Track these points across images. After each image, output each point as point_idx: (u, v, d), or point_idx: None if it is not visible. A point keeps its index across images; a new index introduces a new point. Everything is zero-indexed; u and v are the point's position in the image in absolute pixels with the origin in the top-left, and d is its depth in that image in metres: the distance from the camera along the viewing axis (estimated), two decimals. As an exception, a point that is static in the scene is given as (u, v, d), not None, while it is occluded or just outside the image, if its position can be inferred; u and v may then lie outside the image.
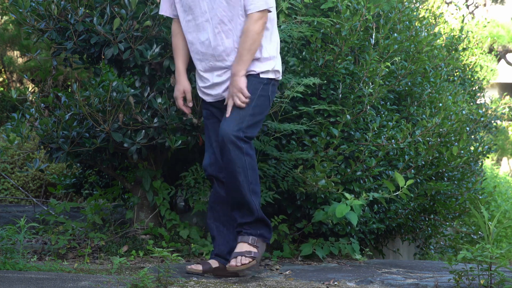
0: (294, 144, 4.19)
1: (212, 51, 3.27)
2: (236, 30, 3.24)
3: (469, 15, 17.17)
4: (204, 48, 3.29)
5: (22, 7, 3.90)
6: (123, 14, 3.76)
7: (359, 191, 4.27)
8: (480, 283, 3.03)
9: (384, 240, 5.37)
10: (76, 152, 3.89)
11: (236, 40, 3.25)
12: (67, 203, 4.43)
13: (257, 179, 3.24)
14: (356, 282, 3.33)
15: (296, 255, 4.20)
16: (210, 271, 3.32)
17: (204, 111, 3.44)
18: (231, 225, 3.36)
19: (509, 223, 3.34)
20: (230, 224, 3.37)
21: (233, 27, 3.24)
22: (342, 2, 4.29)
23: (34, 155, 6.55)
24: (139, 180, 4.24)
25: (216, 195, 3.41)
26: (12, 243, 3.54)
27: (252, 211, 3.23)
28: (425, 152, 4.76)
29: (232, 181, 3.20)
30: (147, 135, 3.84)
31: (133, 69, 3.90)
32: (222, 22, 3.23)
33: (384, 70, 4.35)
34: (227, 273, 3.28)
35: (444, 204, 5.32)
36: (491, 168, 13.47)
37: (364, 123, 4.46)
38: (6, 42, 8.38)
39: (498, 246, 9.26)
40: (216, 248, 3.39)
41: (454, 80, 6.82)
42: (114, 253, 3.96)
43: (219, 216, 3.40)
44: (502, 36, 17.60)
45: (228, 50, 3.26)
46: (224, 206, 3.38)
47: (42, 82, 4.30)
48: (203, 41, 3.28)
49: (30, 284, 2.75)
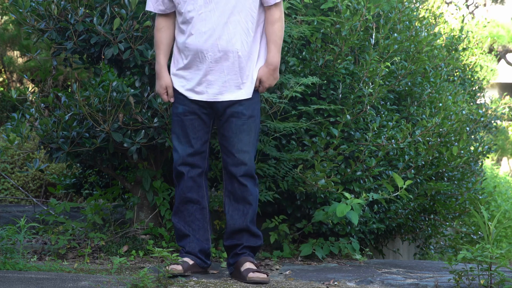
0: (294, 144, 4.19)
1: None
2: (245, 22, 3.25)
3: (469, 15, 17.15)
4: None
5: (22, 7, 3.90)
6: (123, 14, 3.76)
7: (359, 191, 4.27)
8: (480, 283, 3.03)
9: (384, 240, 5.38)
10: (76, 152, 3.89)
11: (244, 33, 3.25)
12: (67, 203, 4.42)
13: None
14: (356, 282, 3.33)
15: (296, 255, 4.20)
16: (189, 269, 3.30)
17: (181, 107, 3.33)
18: (195, 224, 3.37)
19: (509, 223, 3.34)
20: (195, 223, 3.37)
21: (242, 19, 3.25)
22: (342, 2, 4.29)
23: (34, 155, 6.55)
24: (139, 180, 4.24)
25: (187, 191, 3.36)
26: (12, 243, 3.54)
27: (258, 236, 3.37)
28: (425, 152, 4.76)
29: (245, 210, 3.32)
30: (147, 135, 3.84)
31: (133, 69, 3.90)
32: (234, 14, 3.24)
33: (384, 70, 4.36)
34: (204, 272, 3.38)
35: (444, 204, 5.32)
36: (491, 168, 13.47)
37: (364, 123, 4.46)
38: (6, 42, 8.38)
39: (498, 246, 9.26)
40: (187, 246, 3.36)
41: (454, 80, 6.82)
42: (114, 253, 3.96)
43: (185, 216, 3.38)
44: (502, 36, 17.60)
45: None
46: (191, 205, 3.37)
47: (42, 82, 4.30)
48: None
49: (30, 284, 2.75)
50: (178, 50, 3.34)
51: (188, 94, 3.30)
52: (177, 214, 3.39)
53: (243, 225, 3.30)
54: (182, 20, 3.28)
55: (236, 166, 3.27)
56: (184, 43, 3.26)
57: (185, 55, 3.29)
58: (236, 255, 3.31)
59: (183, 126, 3.33)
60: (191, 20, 3.23)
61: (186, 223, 3.37)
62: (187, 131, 3.32)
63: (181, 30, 3.30)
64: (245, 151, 3.27)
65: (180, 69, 3.33)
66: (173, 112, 3.37)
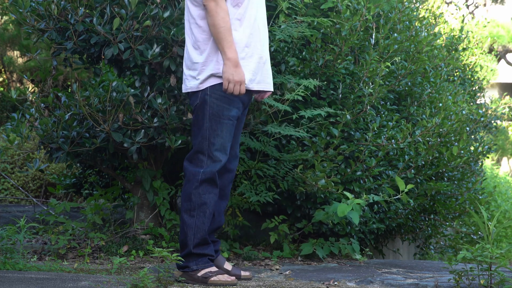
0: (294, 144, 4.19)
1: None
2: None
3: (469, 15, 17.17)
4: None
5: (22, 7, 3.90)
6: (123, 14, 3.76)
7: (359, 191, 4.27)
8: (480, 283, 3.03)
9: (384, 240, 5.38)
10: (76, 152, 3.89)
11: None
12: (67, 203, 4.42)
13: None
14: (356, 282, 3.33)
15: (296, 255, 4.20)
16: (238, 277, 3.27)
17: (236, 110, 3.18)
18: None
19: (509, 223, 3.34)
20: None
21: None
22: (342, 2, 4.29)
23: (34, 155, 6.55)
24: (139, 180, 4.24)
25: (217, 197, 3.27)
26: (12, 243, 3.54)
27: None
28: (425, 152, 4.76)
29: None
30: (147, 135, 3.84)
31: (133, 69, 3.90)
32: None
33: (384, 70, 4.36)
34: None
35: (444, 204, 5.32)
36: (491, 168, 13.47)
37: (364, 123, 4.46)
38: (6, 42, 8.39)
39: (498, 246, 9.27)
40: (210, 249, 3.24)
41: (454, 80, 6.82)
42: (114, 253, 3.96)
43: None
44: (502, 36, 17.61)
45: None
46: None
47: (42, 82, 4.30)
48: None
49: (30, 284, 2.75)
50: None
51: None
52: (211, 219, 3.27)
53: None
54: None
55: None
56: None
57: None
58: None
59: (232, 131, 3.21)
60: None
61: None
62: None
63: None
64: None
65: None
66: (225, 114, 3.14)
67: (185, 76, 3.18)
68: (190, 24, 3.16)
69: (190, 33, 3.16)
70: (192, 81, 3.13)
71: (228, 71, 3.04)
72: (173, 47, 3.82)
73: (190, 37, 3.16)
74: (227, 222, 4.23)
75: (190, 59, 3.14)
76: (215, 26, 3.03)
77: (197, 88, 3.11)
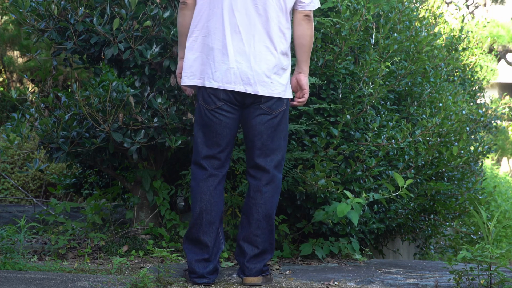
0: (294, 144, 4.19)
1: None
2: None
3: (469, 15, 17.18)
4: None
5: (22, 7, 3.90)
6: (123, 14, 3.76)
7: (359, 191, 4.27)
8: (480, 283, 3.03)
9: (384, 240, 5.38)
10: (76, 152, 3.89)
11: None
12: (67, 203, 4.43)
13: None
14: (356, 282, 3.33)
15: (296, 255, 4.20)
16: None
17: None
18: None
19: (509, 223, 3.34)
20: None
21: None
22: (342, 2, 4.29)
23: (34, 155, 6.56)
24: (139, 180, 4.24)
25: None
26: (12, 243, 3.54)
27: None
28: (425, 152, 4.76)
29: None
30: (147, 135, 3.84)
31: (133, 69, 3.90)
32: None
33: (384, 70, 4.36)
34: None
35: (444, 204, 5.32)
36: (491, 168, 13.47)
37: (364, 123, 4.46)
38: (6, 42, 8.39)
39: (498, 246, 9.27)
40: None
41: (454, 80, 6.82)
42: (114, 253, 3.96)
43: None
44: (502, 36, 17.62)
45: None
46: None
47: (42, 82, 4.30)
48: None
49: (30, 284, 2.75)
50: None
51: None
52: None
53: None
54: None
55: None
56: None
57: None
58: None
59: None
60: None
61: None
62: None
63: None
64: None
65: None
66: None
67: (269, 80, 3.11)
68: (282, 29, 3.14)
69: (282, 36, 3.16)
70: (280, 87, 3.16)
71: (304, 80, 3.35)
72: (173, 47, 3.82)
73: (280, 42, 3.15)
74: (227, 222, 4.23)
75: (281, 65, 3.16)
76: (312, 37, 3.24)
77: (283, 95, 3.18)
